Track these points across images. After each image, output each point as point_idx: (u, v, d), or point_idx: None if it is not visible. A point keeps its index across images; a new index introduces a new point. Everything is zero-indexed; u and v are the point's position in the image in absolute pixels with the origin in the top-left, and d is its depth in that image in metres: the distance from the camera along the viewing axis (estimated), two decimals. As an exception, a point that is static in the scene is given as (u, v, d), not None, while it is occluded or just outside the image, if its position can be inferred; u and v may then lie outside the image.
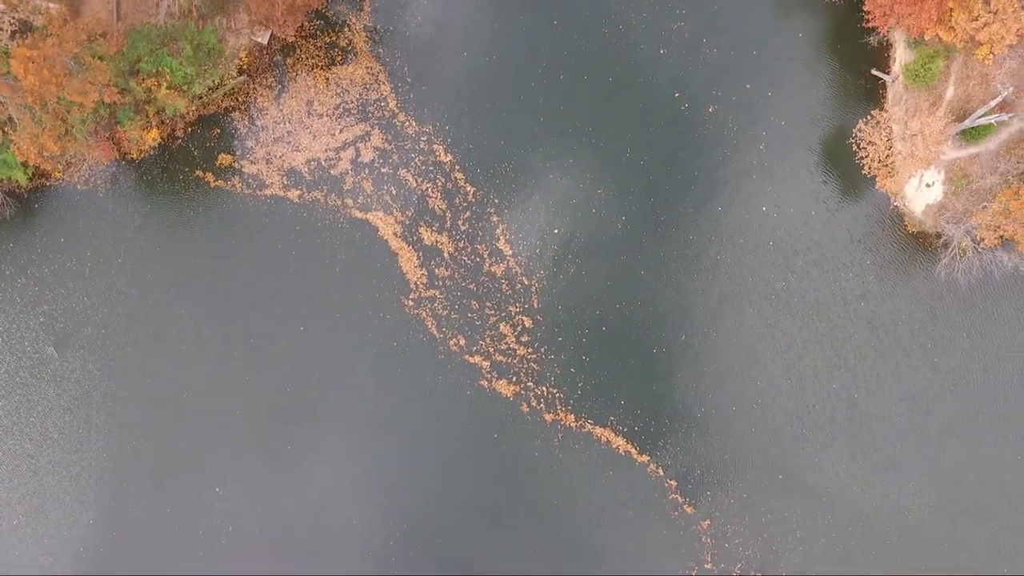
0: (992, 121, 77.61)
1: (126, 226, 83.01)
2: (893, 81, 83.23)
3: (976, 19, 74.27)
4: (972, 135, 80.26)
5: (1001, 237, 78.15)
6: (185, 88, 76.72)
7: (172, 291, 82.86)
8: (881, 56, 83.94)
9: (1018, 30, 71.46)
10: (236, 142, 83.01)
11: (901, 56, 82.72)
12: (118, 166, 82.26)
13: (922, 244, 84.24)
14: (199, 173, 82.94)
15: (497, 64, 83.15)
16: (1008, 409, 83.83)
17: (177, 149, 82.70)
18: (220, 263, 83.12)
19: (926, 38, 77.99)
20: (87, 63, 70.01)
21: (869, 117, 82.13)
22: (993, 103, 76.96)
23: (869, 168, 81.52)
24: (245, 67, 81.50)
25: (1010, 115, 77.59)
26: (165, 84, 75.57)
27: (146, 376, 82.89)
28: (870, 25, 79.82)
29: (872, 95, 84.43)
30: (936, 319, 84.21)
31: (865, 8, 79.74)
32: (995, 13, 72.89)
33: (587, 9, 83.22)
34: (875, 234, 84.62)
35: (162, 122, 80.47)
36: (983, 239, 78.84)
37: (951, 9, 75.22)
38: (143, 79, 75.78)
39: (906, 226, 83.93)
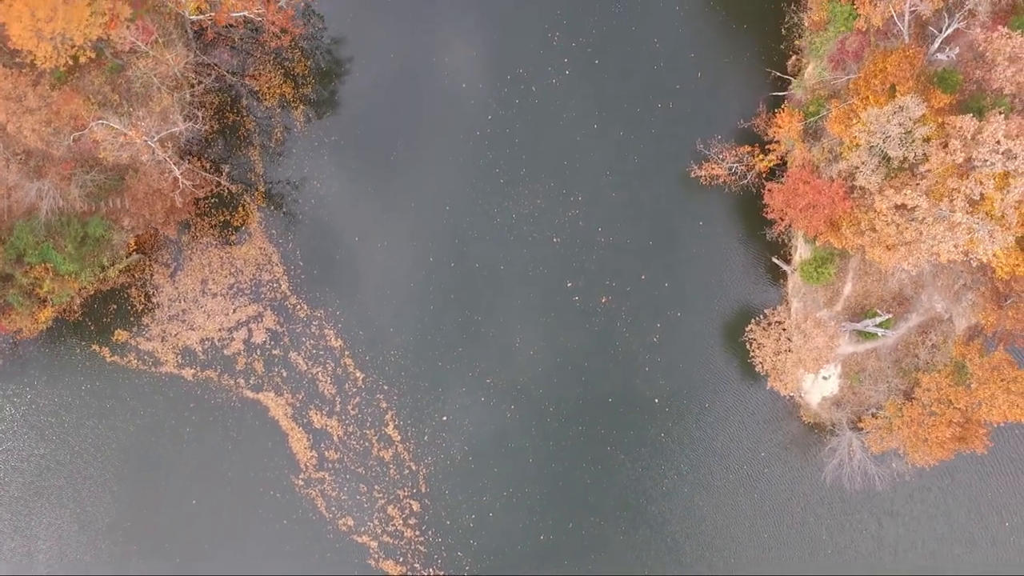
0: (879, 333, 76.43)
1: (20, 388, 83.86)
2: (793, 272, 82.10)
3: (862, 234, 73.01)
4: (867, 333, 79.08)
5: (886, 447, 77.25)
6: (71, 278, 77.18)
7: (63, 454, 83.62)
8: (782, 246, 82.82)
9: (898, 260, 70.04)
10: (132, 318, 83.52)
11: (801, 249, 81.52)
12: (14, 336, 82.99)
13: (819, 434, 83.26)
14: (95, 347, 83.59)
15: (389, 250, 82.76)
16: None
17: (74, 323, 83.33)
18: (114, 433, 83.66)
19: (818, 243, 77.02)
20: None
21: (761, 317, 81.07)
22: (879, 320, 75.76)
23: (761, 367, 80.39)
24: (134, 249, 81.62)
25: (893, 331, 76.41)
26: (50, 276, 76.12)
27: (33, 538, 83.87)
28: (771, 217, 78.79)
29: (773, 282, 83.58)
30: (845, 501, 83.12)
31: (765, 201, 78.80)
32: (878, 234, 71.49)
33: (479, 196, 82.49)
34: (778, 418, 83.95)
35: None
36: (870, 446, 77.90)
37: (840, 220, 74.11)
38: (28, 269, 76.37)
39: (801, 417, 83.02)
